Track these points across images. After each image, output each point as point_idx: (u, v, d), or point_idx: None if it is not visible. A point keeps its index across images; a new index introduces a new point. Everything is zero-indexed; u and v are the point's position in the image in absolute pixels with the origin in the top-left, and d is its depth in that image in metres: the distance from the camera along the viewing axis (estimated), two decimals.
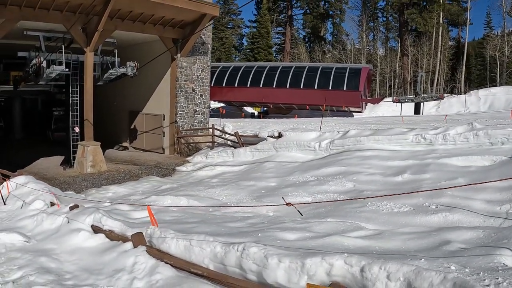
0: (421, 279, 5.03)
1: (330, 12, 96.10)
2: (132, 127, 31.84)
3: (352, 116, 52.58)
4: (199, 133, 29.55)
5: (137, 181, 21.17)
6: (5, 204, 13.13)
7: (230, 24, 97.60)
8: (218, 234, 8.25)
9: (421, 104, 55.07)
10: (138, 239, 8.04)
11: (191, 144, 28.82)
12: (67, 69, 22.23)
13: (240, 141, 24.88)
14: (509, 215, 9.47)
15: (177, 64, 27.94)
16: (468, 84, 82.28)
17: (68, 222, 9.98)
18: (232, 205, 13.86)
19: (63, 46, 22.06)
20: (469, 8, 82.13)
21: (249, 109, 64.27)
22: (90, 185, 20.48)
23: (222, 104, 57.89)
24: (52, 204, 11.64)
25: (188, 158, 26.25)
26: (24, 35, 22.41)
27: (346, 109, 52.65)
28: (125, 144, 32.21)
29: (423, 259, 5.94)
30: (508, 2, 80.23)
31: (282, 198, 9.80)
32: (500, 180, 10.60)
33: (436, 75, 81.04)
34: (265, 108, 60.96)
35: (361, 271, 5.49)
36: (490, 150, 16.05)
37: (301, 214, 9.18)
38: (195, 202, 14.02)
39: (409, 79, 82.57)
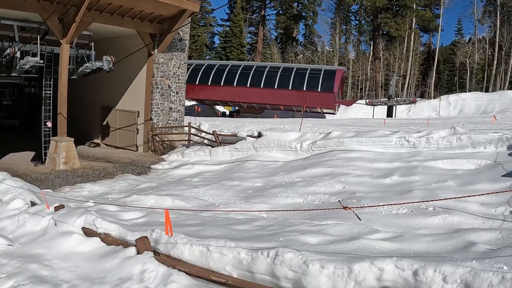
0: (479, 280, 4.95)
1: (303, 14, 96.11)
2: (104, 123, 30.99)
3: (324, 117, 52.42)
4: (173, 131, 28.92)
5: (112, 179, 20.50)
6: None
7: (202, 22, 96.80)
8: (232, 238, 7.72)
9: (394, 107, 55.16)
10: (143, 244, 7.40)
11: (166, 142, 28.22)
12: (41, 61, 21.44)
13: (218, 140, 24.37)
14: (506, 217, 9.52)
15: (154, 60, 27.29)
16: (438, 89, 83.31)
17: (56, 224, 9.26)
18: (237, 208, 13.01)
19: (38, 37, 21.29)
20: (441, 14, 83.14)
21: (221, 108, 63.73)
22: (63, 182, 19.76)
23: (194, 102, 57.15)
24: (33, 203, 10.91)
25: (163, 156, 25.70)
26: None
27: (319, 111, 52.41)
28: (96, 140, 31.41)
29: (474, 261, 5.63)
30: (480, 10, 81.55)
31: (338, 201, 9.34)
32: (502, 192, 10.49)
33: (407, 80, 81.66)
34: (236, 108, 60.47)
35: (414, 275, 5.37)
36: (473, 154, 16.27)
37: (359, 218, 8.79)
38: (181, 203, 13.53)
39: (380, 83, 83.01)
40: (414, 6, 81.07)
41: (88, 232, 8.72)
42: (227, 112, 61.68)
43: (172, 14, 25.39)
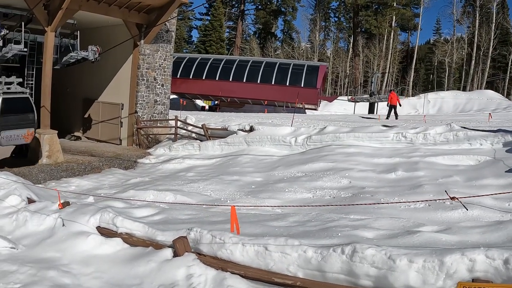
0: None
1: (283, 9, 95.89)
2: (86, 116, 30.11)
3: (305, 112, 51.97)
4: (159, 124, 28.20)
5: (99, 173, 19.79)
6: None
7: (180, 15, 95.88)
8: (278, 235, 7.13)
9: (376, 104, 55.02)
10: (182, 246, 6.70)
11: (151, 136, 27.55)
12: (25, 49, 20.63)
13: (207, 134, 23.80)
14: None
15: (140, 51, 26.56)
16: (416, 87, 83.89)
17: (64, 224, 8.48)
18: (246, 203, 12.21)
19: (22, 24, 20.48)
20: (421, 13, 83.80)
21: (200, 102, 63.05)
22: (48, 177, 18.95)
23: (175, 96, 56.38)
24: (31, 200, 10.05)
25: (149, 150, 25.11)
26: None
27: (300, 106, 51.94)
28: (77, 133, 30.50)
29: None
30: (459, 11, 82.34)
31: (445, 191, 8.92)
32: None
33: (386, 77, 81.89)
34: (215, 102, 59.76)
35: (504, 263, 5.24)
36: (471, 150, 16.56)
37: (466, 209, 9.02)
38: (184, 198, 12.90)
39: (360, 80, 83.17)
40: (395, 5, 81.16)
41: (105, 232, 7.97)
42: (207, 107, 60.95)
43: (160, 4, 24.78)
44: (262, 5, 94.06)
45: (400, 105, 36.22)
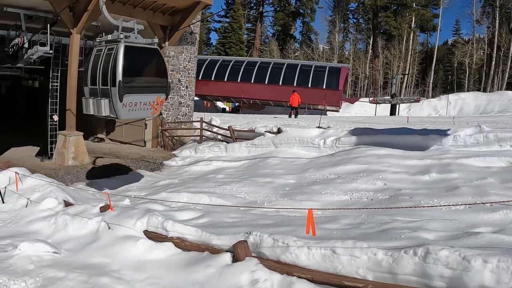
0: None
1: (301, 11, 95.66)
2: None
3: (326, 114, 51.70)
4: (183, 126, 28.05)
5: (127, 175, 19.70)
6: (3, 203, 11.10)
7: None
8: (337, 238, 7.00)
9: (397, 105, 54.68)
10: (243, 250, 6.50)
11: (175, 138, 27.39)
12: (51, 51, 20.55)
13: (234, 136, 23.64)
14: None
15: (165, 53, 26.38)
16: (436, 89, 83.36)
17: (109, 227, 8.31)
18: (285, 206, 12.26)
19: (48, 25, 20.40)
20: (440, 14, 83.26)
21: (220, 104, 62.92)
22: (74, 179, 18.94)
23: (196, 98, 56.41)
24: (67, 203, 9.85)
25: (174, 152, 25.03)
26: (3, 12, 20.56)
27: (322, 108, 51.65)
28: (101, 135, 30.51)
29: None
30: (479, 11, 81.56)
31: None
32: None
33: (406, 79, 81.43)
34: (236, 104, 59.61)
35: None
36: (500, 152, 16.22)
37: None
38: (219, 200, 12.73)
39: (380, 81, 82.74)
40: (414, 5, 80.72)
41: (153, 236, 7.79)
42: (227, 108, 60.82)
43: (185, 6, 24.62)
44: (281, 7, 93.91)
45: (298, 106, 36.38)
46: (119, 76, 12.22)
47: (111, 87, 12.43)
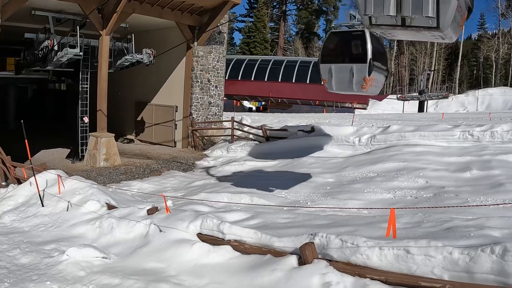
0: None
1: (324, 9, 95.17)
2: (139, 118, 30.15)
3: (354, 112, 51.28)
4: (213, 126, 27.96)
5: (159, 176, 19.71)
6: (43, 206, 10.96)
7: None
8: (404, 237, 6.79)
9: (426, 102, 54.06)
10: (310, 252, 6.24)
11: (206, 138, 27.25)
12: (81, 53, 20.49)
13: (266, 135, 23.41)
14: None
15: (194, 53, 26.40)
16: (462, 84, 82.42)
17: (161, 230, 8.06)
18: (329, 205, 11.94)
19: (77, 27, 20.35)
20: None
21: (247, 103, 62.73)
22: (107, 180, 18.92)
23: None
24: (110, 206, 9.63)
25: (205, 152, 25.01)
26: (32, 15, 20.58)
27: (350, 105, 51.20)
28: (130, 136, 30.48)
29: None
30: (504, 4, 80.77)
31: None
32: None
33: (432, 75, 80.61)
34: (262, 103, 59.35)
35: None
36: None
37: None
38: (262, 200, 12.53)
39: (406, 78, 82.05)
40: None
41: (207, 239, 7.55)
42: (253, 108, 60.60)
43: (213, 6, 24.59)
44: (304, 5, 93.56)
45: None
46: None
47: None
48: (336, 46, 13.57)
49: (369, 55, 12.34)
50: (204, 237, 7.66)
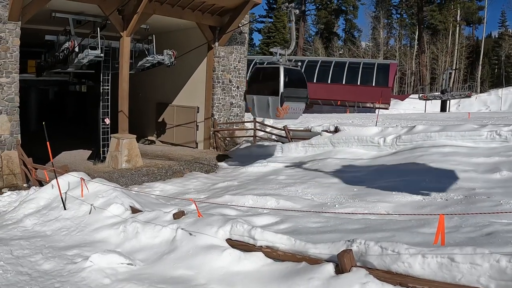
0: None
1: (343, 8, 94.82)
2: (160, 120, 30.10)
3: (375, 112, 50.94)
4: (235, 127, 27.73)
5: (182, 177, 19.63)
6: (65, 209, 10.73)
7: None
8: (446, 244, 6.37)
9: (448, 101, 53.49)
10: (349, 260, 5.98)
11: (227, 139, 27.01)
12: (101, 55, 20.37)
13: (289, 136, 23.24)
14: None
15: (215, 54, 26.22)
16: (484, 83, 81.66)
17: (190, 234, 7.76)
18: (358, 208, 11.69)
19: (98, 29, 20.25)
20: (486, 6, 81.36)
21: None
22: (129, 182, 18.88)
23: None
24: (134, 209, 9.36)
25: (227, 153, 24.62)
26: (52, 18, 20.45)
27: (371, 105, 50.82)
28: (151, 137, 30.41)
29: None
30: None
31: None
32: None
33: (453, 73, 79.93)
34: None
35: None
36: None
37: None
38: (288, 203, 12.27)
39: (427, 77, 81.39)
40: None
41: (237, 245, 7.27)
42: None
43: (234, 6, 24.38)
44: (323, 5, 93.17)
45: None
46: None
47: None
48: (257, 79, 16.93)
49: (281, 89, 15.28)
50: (234, 243, 7.39)
